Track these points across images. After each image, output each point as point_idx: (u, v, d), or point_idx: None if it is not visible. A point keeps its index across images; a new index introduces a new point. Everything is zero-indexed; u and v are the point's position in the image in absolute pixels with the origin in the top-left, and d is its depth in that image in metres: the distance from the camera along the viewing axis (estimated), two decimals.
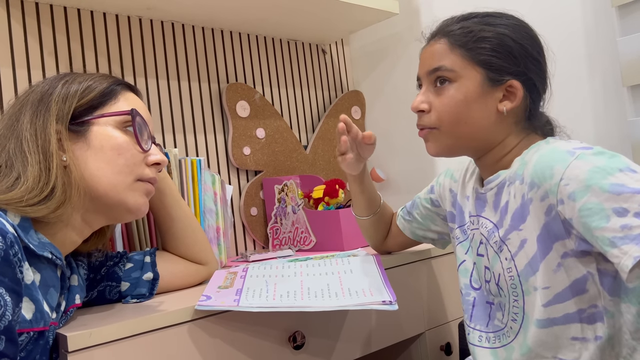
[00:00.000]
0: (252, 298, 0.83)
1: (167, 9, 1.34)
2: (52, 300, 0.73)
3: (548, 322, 0.76)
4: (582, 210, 0.68)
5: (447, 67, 0.82)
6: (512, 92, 0.82)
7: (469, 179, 0.94)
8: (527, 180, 0.77)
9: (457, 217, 0.96)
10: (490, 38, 0.81)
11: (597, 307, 0.74)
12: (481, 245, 0.87)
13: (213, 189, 1.19)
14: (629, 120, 1.17)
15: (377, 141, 1.03)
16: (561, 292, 0.75)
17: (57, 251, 0.74)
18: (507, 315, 0.82)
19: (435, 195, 1.04)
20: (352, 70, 1.87)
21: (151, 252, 0.96)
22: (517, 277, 0.79)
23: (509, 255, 0.80)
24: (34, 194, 0.70)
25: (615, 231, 0.65)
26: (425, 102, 0.85)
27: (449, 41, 0.83)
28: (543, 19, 1.33)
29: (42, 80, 0.81)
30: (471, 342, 0.89)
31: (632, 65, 1.14)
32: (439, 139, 0.86)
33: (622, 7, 1.17)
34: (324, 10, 1.47)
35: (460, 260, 0.93)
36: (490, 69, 0.81)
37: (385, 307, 0.80)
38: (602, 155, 0.70)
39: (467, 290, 0.90)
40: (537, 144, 0.81)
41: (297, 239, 1.41)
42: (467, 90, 0.82)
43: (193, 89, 1.46)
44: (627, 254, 0.64)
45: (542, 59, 0.84)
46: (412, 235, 1.09)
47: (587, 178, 0.68)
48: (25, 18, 1.19)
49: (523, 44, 0.82)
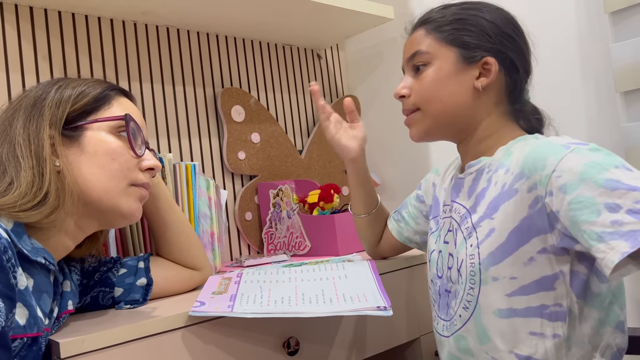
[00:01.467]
0: (246, 304, 0.83)
1: (162, 14, 1.34)
2: (45, 306, 0.72)
3: (509, 312, 0.76)
4: (573, 203, 0.68)
5: (422, 50, 0.86)
6: (488, 70, 0.83)
7: (450, 171, 0.95)
8: (514, 170, 0.77)
9: (433, 209, 0.98)
10: (462, 19, 0.84)
11: (562, 306, 0.74)
12: (449, 232, 0.88)
13: (207, 193, 1.19)
14: (622, 125, 1.17)
15: (371, 146, 1.04)
16: (527, 285, 0.75)
17: (50, 256, 0.73)
18: (459, 303, 0.82)
19: (422, 191, 1.05)
20: (348, 75, 1.87)
21: (145, 257, 0.95)
22: (478, 265, 0.79)
23: (476, 242, 0.80)
24: (27, 199, 0.70)
25: (605, 226, 0.65)
26: (406, 88, 0.88)
27: (425, 28, 0.87)
28: (537, 25, 1.33)
29: (35, 85, 0.81)
30: (438, 332, 0.89)
31: (625, 71, 1.15)
32: (420, 121, 0.88)
33: (615, 14, 1.18)
34: (319, 16, 1.47)
35: (431, 250, 0.93)
36: (464, 47, 0.83)
37: (379, 312, 0.80)
38: (598, 152, 0.71)
39: (435, 280, 0.91)
40: (524, 137, 0.82)
41: (292, 243, 1.41)
42: (442, 69, 0.84)
43: (188, 93, 1.45)
44: (614, 249, 0.63)
45: (519, 37, 0.86)
46: (398, 237, 1.10)
47: (582, 171, 0.68)
48: (19, 22, 1.18)
49: (496, 23, 0.84)
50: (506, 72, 0.84)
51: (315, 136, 1.70)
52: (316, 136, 1.70)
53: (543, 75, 1.30)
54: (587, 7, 1.26)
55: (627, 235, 0.63)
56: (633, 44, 1.14)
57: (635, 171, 0.68)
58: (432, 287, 0.92)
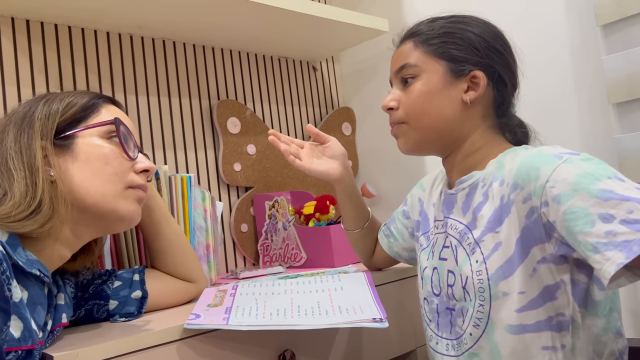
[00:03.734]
0: (241, 316, 0.83)
1: (158, 27, 1.35)
2: (40, 319, 0.72)
3: (520, 329, 0.75)
4: (567, 213, 0.68)
5: (410, 63, 0.86)
6: (476, 83, 0.83)
7: (437, 186, 0.95)
8: (509, 181, 0.77)
9: (422, 225, 0.97)
10: (451, 32, 0.84)
11: (565, 315, 0.74)
12: (445, 249, 0.87)
13: (203, 205, 1.19)
14: (615, 137, 1.18)
15: (367, 157, 1.05)
16: (535, 298, 0.74)
17: (44, 268, 0.73)
18: (469, 321, 0.81)
19: (408, 207, 1.05)
20: (343, 87, 1.88)
21: (140, 269, 0.95)
22: (487, 281, 0.78)
23: (481, 257, 0.79)
24: (21, 209, 0.70)
25: (599, 237, 0.65)
26: (394, 100, 0.88)
27: (414, 41, 0.87)
28: (530, 37, 1.35)
29: (23, 102, 0.81)
30: (438, 352, 0.87)
31: (617, 83, 1.16)
32: (407, 133, 0.87)
33: (607, 26, 1.19)
34: (314, 28, 1.48)
35: (423, 267, 0.92)
36: (453, 60, 0.83)
37: (375, 324, 0.79)
38: (591, 162, 0.71)
39: (431, 298, 0.89)
40: (514, 149, 0.82)
41: (288, 255, 1.40)
42: (430, 82, 0.84)
43: (184, 105, 1.46)
44: (609, 260, 0.63)
45: (507, 52, 0.86)
46: (389, 251, 1.09)
47: (575, 182, 0.68)
48: (15, 35, 1.19)
49: (484, 37, 0.84)
50: (494, 86, 0.84)
51: None
52: None
53: (536, 87, 1.32)
54: (579, 20, 1.27)
55: (621, 246, 0.63)
56: (625, 56, 1.15)
57: (627, 181, 0.68)
58: (425, 305, 0.91)
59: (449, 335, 0.85)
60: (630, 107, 1.17)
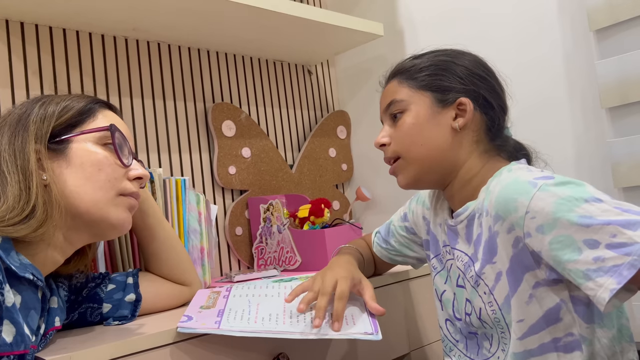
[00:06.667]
0: (233, 320, 0.83)
1: (153, 30, 1.35)
2: (33, 323, 0.71)
3: (525, 355, 0.76)
4: (553, 243, 0.68)
5: (397, 99, 0.88)
6: (463, 110, 0.85)
7: (440, 207, 0.95)
8: (491, 212, 0.77)
9: (432, 246, 0.97)
10: (433, 65, 0.87)
11: (574, 335, 0.74)
12: (460, 277, 0.88)
13: (197, 208, 1.19)
14: (607, 141, 1.19)
15: (362, 161, 1.05)
16: (535, 323, 0.75)
17: (38, 272, 0.73)
18: (497, 345, 0.82)
19: (410, 223, 1.05)
20: (338, 90, 1.88)
21: (134, 273, 0.95)
22: (499, 311, 0.79)
23: (487, 289, 0.80)
24: (14, 213, 0.70)
25: (588, 263, 0.65)
26: (386, 136, 0.90)
27: (398, 79, 0.89)
28: (523, 43, 1.36)
29: (19, 104, 0.81)
30: None
31: (610, 88, 1.17)
32: (405, 168, 0.88)
33: (599, 31, 1.20)
34: (309, 32, 1.48)
35: (441, 291, 0.93)
36: (438, 90, 0.85)
37: (368, 337, 0.78)
38: (565, 186, 0.70)
39: (453, 321, 0.90)
40: (499, 171, 0.81)
41: (283, 258, 1.40)
42: (419, 114, 0.86)
43: (179, 108, 1.46)
44: (602, 287, 0.64)
45: (490, 76, 0.87)
46: (389, 261, 1.11)
47: (554, 211, 0.68)
48: (9, 37, 1.19)
49: (466, 66, 0.86)
50: (481, 110, 0.85)
51: (305, 151, 1.71)
52: (307, 151, 1.71)
53: (529, 91, 1.33)
54: (572, 25, 1.28)
55: (611, 271, 0.64)
56: (618, 61, 1.16)
57: (605, 200, 0.68)
58: (448, 326, 0.92)
59: (477, 357, 0.86)
60: (623, 111, 1.17)
